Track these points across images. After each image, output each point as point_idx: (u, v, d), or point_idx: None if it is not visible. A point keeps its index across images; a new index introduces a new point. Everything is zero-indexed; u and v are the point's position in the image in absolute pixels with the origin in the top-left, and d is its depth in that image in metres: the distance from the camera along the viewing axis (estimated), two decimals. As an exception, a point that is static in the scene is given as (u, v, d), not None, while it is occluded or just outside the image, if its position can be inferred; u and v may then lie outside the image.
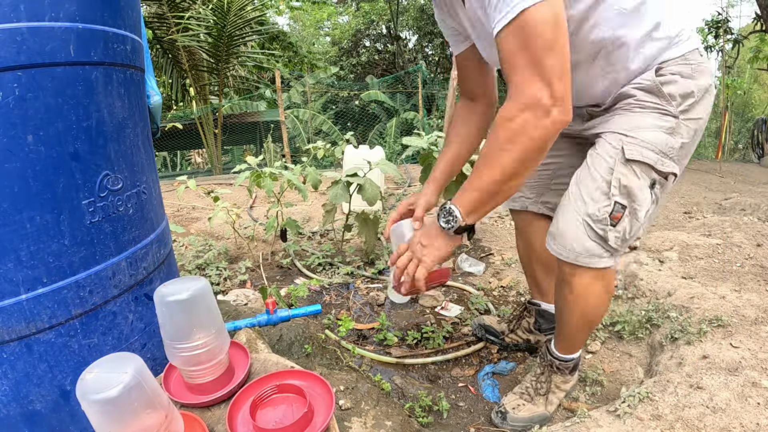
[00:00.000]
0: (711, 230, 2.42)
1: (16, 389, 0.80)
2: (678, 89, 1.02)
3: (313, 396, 0.87)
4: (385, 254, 2.38)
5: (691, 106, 1.04)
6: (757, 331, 1.34)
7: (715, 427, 0.99)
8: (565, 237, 1.08)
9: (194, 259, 2.35)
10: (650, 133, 1.03)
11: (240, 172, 2.24)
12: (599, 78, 1.08)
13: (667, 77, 1.02)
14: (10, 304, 0.75)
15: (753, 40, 8.70)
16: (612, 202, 1.03)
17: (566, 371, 1.27)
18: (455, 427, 1.29)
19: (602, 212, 1.04)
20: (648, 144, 1.03)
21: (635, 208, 1.04)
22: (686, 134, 1.06)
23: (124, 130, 0.90)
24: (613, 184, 1.03)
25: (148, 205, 1.00)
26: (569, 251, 1.08)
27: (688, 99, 1.03)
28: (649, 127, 1.03)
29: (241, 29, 6.87)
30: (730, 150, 11.11)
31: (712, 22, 8.81)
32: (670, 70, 1.02)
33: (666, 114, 1.03)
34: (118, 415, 0.65)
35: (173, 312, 0.80)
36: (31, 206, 0.75)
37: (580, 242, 1.07)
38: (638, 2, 1.00)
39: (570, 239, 1.07)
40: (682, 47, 1.03)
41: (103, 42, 0.82)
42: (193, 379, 0.87)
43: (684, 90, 1.03)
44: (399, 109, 10.95)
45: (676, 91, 1.03)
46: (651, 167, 1.03)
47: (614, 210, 1.03)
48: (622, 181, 1.03)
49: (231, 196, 4.00)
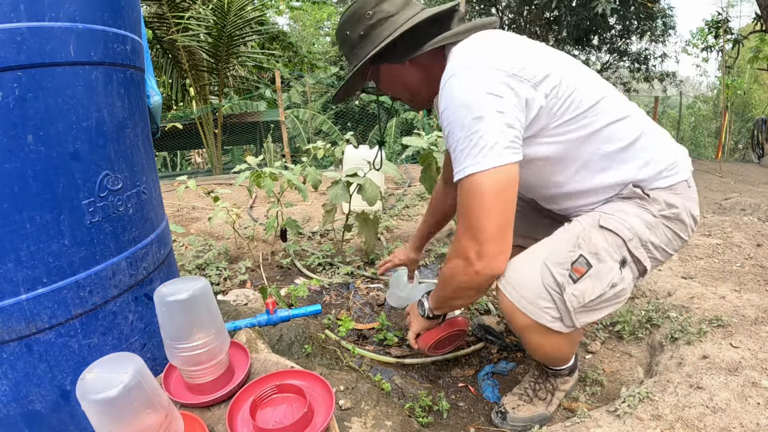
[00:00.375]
0: (711, 230, 2.42)
1: (16, 389, 0.80)
2: (663, 196, 1.04)
3: (313, 396, 0.87)
4: (385, 254, 2.38)
5: (674, 216, 1.04)
6: (757, 331, 1.34)
7: (715, 427, 0.99)
8: (519, 274, 1.02)
9: (194, 259, 2.35)
10: (630, 217, 1.03)
11: (240, 172, 2.24)
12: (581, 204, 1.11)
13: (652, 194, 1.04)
14: (10, 304, 0.75)
15: (753, 40, 8.70)
16: (577, 253, 0.99)
17: (564, 374, 1.27)
18: (455, 427, 1.29)
19: (565, 257, 0.99)
20: (625, 222, 1.01)
21: (600, 271, 0.97)
22: (661, 238, 1.05)
23: (124, 130, 0.90)
24: (581, 238, 1.01)
25: (148, 205, 1.00)
26: (518, 292, 1.01)
27: (672, 208, 1.04)
28: (631, 213, 1.03)
29: (241, 29, 6.87)
30: (730, 150, 11.10)
31: (712, 22, 8.80)
32: (655, 193, 1.04)
33: (647, 210, 1.03)
34: (118, 415, 0.65)
35: (173, 312, 0.80)
36: (31, 206, 0.75)
37: (533, 284, 0.99)
38: (627, 143, 1.02)
39: (523, 277, 1.01)
40: (671, 180, 1.04)
41: (103, 42, 0.82)
42: (193, 379, 0.87)
43: (669, 200, 1.04)
44: (399, 109, 10.95)
45: (661, 197, 1.04)
46: (623, 242, 1.00)
47: (578, 261, 0.98)
48: (592, 239, 1.00)
49: (231, 196, 4.00)
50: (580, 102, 0.98)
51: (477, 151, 0.90)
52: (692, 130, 13.21)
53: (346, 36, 1.11)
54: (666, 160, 1.04)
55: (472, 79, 0.92)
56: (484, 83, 0.91)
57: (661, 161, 1.04)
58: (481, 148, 0.90)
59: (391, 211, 3.36)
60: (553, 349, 1.11)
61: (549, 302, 0.99)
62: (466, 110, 0.91)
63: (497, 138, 0.90)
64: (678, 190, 1.05)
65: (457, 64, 0.96)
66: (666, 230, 1.05)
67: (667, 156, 1.05)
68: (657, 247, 1.05)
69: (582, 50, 11.71)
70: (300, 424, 0.79)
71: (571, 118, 0.98)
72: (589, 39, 10.73)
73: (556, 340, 1.06)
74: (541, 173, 1.07)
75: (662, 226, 1.04)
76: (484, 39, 1.02)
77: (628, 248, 1.00)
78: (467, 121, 0.91)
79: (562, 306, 0.98)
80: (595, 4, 7.25)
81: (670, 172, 1.04)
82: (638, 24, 10.27)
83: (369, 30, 1.07)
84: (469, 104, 0.91)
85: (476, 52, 0.97)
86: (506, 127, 0.91)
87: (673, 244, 1.07)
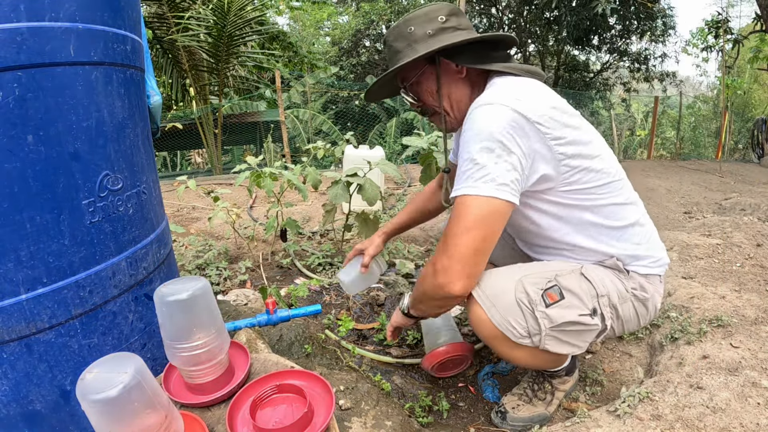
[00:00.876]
0: (711, 230, 2.42)
1: (16, 389, 0.80)
2: (639, 279, 1.12)
3: (313, 396, 0.87)
4: (385, 254, 2.38)
5: (642, 298, 1.13)
6: (757, 331, 1.34)
7: (715, 427, 0.99)
8: (494, 288, 1.06)
9: (194, 259, 2.35)
10: (607, 281, 1.10)
11: (240, 172, 2.24)
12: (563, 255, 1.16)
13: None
14: (10, 304, 0.75)
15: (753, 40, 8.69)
16: (554, 282, 1.05)
17: (560, 374, 1.27)
18: (455, 427, 1.29)
19: (541, 281, 1.05)
20: (603, 281, 1.09)
21: (572, 304, 1.04)
22: (625, 312, 1.13)
23: (124, 130, 0.90)
24: (560, 274, 1.07)
25: (148, 205, 1.00)
26: (492, 302, 1.05)
27: (643, 291, 1.13)
28: (608, 278, 1.10)
29: (241, 29, 6.86)
30: (730, 150, 11.10)
31: (712, 22, 8.79)
32: (633, 274, 1.13)
33: (622, 283, 1.11)
34: (118, 415, 0.65)
35: (173, 312, 0.80)
36: (31, 206, 0.75)
37: (507, 297, 1.04)
38: (623, 225, 1.10)
39: (498, 290, 1.05)
40: (649, 270, 1.13)
41: (103, 42, 0.82)
42: (193, 379, 0.87)
43: (642, 284, 1.13)
44: (399, 109, 10.95)
45: (637, 279, 1.12)
46: (597, 294, 1.07)
47: (552, 288, 1.04)
48: (571, 279, 1.06)
49: (231, 196, 4.00)
50: (596, 179, 1.05)
51: (478, 177, 0.96)
52: (692, 130, 13.20)
53: (409, 32, 1.10)
54: (650, 251, 1.14)
55: (498, 115, 0.96)
56: (507, 122, 0.96)
57: (646, 250, 1.13)
58: (481, 177, 0.95)
59: (391, 211, 3.36)
60: (525, 359, 1.12)
61: (520, 318, 1.04)
62: (482, 139, 0.96)
63: (499, 174, 0.95)
64: (652, 281, 1.14)
65: (493, 94, 1.01)
66: (631, 308, 1.13)
67: (652, 249, 1.14)
68: (619, 317, 1.12)
69: (582, 50, 11.71)
70: (300, 424, 0.79)
71: (581, 189, 1.05)
72: (589, 39, 10.72)
73: (522, 353, 1.09)
74: (538, 224, 1.13)
75: (630, 302, 1.13)
76: (527, 83, 1.06)
77: (599, 302, 1.07)
78: (479, 148, 0.96)
79: (533, 323, 1.03)
80: (595, 4, 7.25)
81: (650, 264, 1.13)
82: (638, 24, 10.26)
83: (439, 32, 1.08)
84: (486, 135, 0.96)
85: (513, 91, 1.01)
86: (511, 168, 0.96)
87: (632, 323, 1.16)
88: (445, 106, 1.16)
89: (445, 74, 1.13)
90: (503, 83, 1.05)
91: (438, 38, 1.08)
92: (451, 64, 1.11)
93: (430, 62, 1.12)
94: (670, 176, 5.91)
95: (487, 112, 0.98)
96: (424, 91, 1.16)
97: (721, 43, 8.62)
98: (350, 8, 15.90)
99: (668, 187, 5.00)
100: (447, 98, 1.15)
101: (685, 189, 4.91)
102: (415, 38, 1.10)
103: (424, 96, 1.17)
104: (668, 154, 11.85)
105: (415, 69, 1.13)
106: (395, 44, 1.13)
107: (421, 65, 1.12)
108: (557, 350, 1.05)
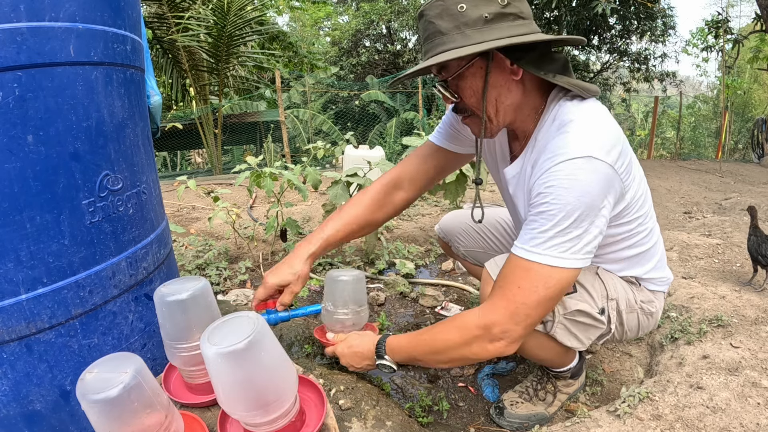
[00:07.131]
0: (711, 230, 2.42)
1: (16, 389, 0.80)
2: (648, 294, 1.15)
3: (304, 400, 0.87)
4: (385, 254, 2.38)
5: (648, 312, 1.15)
6: (757, 331, 1.34)
7: (715, 427, 0.99)
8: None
9: (194, 259, 2.35)
10: (620, 288, 1.11)
11: (240, 172, 2.24)
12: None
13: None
14: (10, 304, 0.75)
15: (753, 40, 8.69)
16: None
17: (565, 376, 1.27)
18: (455, 427, 1.29)
19: None
20: (616, 285, 1.10)
21: (583, 299, 1.04)
22: (630, 321, 1.14)
23: (124, 130, 0.90)
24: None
25: (148, 205, 1.00)
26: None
27: (651, 304, 1.15)
28: (620, 286, 1.11)
29: (241, 29, 6.87)
30: (730, 150, 11.09)
31: (712, 22, 8.79)
32: (644, 288, 1.16)
33: (633, 294, 1.13)
34: (118, 415, 0.65)
35: (173, 312, 0.80)
36: (31, 206, 0.75)
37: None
38: (644, 250, 1.10)
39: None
40: (657, 287, 1.16)
41: (103, 42, 0.82)
42: (193, 379, 0.87)
43: (651, 298, 1.15)
44: (399, 109, 10.96)
45: (646, 293, 1.14)
46: (607, 295, 1.08)
47: None
48: (583, 274, 1.06)
49: (231, 196, 4.00)
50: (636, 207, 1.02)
51: (567, 248, 0.87)
52: (692, 130, 13.21)
53: (459, 11, 0.87)
54: (662, 272, 1.17)
55: (599, 176, 0.85)
56: (606, 183, 0.86)
57: (658, 271, 1.15)
58: (570, 246, 0.87)
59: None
60: (532, 349, 1.12)
61: None
62: (581, 205, 0.85)
63: (588, 241, 0.88)
64: (658, 296, 1.17)
65: (583, 139, 0.87)
66: (636, 319, 1.14)
67: (661, 269, 1.17)
68: (623, 323, 1.13)
69: (582, 50, 11.70)
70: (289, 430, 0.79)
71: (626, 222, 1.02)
72: (589, 39, 10.73)
73: (532, 341, 1.08)
74: None
75: (636, 314, 1.14)
76: (604, 117, 0.92)
77: (608, 304, 1.08)
78: (576, 216, 0.85)
79: None
80: (595, 4, 7.24)
81: (659, 282, 1.16)
82: (638, 24, 10.26)
83: (497, 19, 0.87)
84: (587, 202, 0.85)
85: (600, 135, 0.88)
86: (599, 232, 0.89)
87: (633, 332, 1.18)
88: (489, 111, 0.96)
89: (497, 72, 0.93)
90: (583, 118, 0.90)
91: (497, 27, 0.87)
92: (506, 61, 0.92)
93: (482, 54, 0.91)
94: (670, 176, 5.91)
95: (588, 170, 0.84)
96: (466, 87, 0.95)
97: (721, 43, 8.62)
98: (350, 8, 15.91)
99: (668, 187, 5.00)
100: (493, 102, 0.95)
101: (685, 189, 4.92)
102: (466, 20, 0.87)
103: (465, 93, 0.96)
104: (668, 154, 11.86)
105: (461, 59, 0.90)
106: (438, 22, 0.89)
107: (469, 55, 0.89)
108: (563, 340, 1.06)
